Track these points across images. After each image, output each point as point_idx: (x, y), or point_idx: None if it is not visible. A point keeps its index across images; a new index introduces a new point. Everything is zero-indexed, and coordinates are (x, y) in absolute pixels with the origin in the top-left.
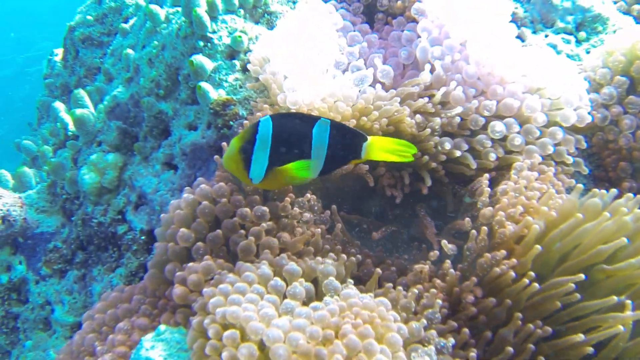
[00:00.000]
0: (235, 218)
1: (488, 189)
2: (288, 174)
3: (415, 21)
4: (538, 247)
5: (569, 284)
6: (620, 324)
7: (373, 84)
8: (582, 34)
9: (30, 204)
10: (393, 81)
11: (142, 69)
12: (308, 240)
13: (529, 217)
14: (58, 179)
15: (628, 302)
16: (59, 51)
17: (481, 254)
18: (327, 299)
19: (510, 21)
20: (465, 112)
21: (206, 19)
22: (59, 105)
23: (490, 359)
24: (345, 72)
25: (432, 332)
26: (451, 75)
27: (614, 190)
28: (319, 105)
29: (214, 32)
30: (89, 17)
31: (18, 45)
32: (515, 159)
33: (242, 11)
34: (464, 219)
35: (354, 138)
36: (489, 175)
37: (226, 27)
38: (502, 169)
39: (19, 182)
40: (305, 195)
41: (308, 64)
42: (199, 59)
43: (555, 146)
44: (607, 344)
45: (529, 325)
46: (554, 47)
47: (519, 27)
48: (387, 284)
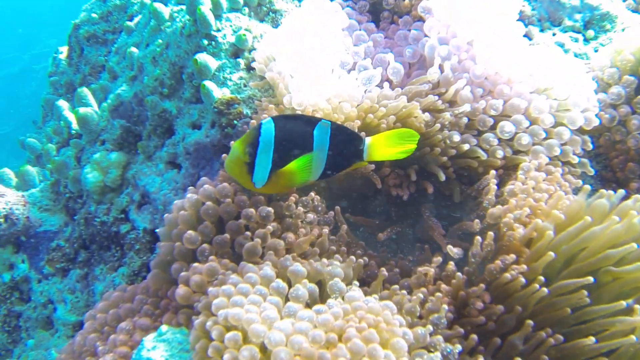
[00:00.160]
0: (240, 220)
1: (495, 186)
2: (290, 175)
3: (422, 20)
4: (551, 254)
5: (581, 291)
6: (628, 327)
7: (383, 81)
8: (590, 32)
9: (33, 202)
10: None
11: (146, 67)
12: (313, 241)
13: (538, 221)
14: (61, 178)
15: (637, 307)
16: (64, 49)
17: (488, 257)
18: (331, 301)
19: (518, 19)
20: (472, 112)
21: (210, 17)
22: (62, 103)
23: None
24: (351, 72)
25: (439, 338)
26: (458, 75)
27: (621, 191)
28: (324, 106)
29: (218, 31)
30: (93, 15)
31: (24, 43)
32: (522, 160)
33: (247, 9)
34: (470, 218)
35: (354, 140)
36: (495, 172)
37: (230, 26)
38: (509, 169)
39: (22, 181)
40: (309, 194)
41: (313, 63)
42: (203, 57)
43: (561, 147)
44: (617, 349)
45: (541, 333)
46: (562, 46)
47: (526, 26)
48: (393, 286)
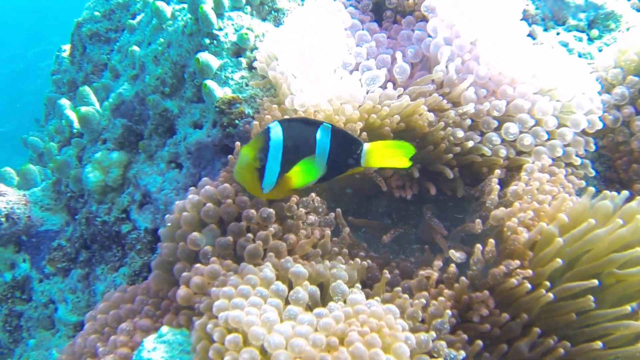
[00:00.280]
0: (242, 222)
1: (498, 186)
2: (296, 179)
3: (425, 19)
4: (559, 262)
5: (587, 296)
6: (632, 331)
7: (386, 82)
8: (595, 32)
9: (35, 201)
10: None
11: (148, 66)
12: (316, 243)
13: (543, 224)
14: (63, 177)
15: None
16: (67, 47)
17: (490, 261)
18: (332, 304)
19: (521, 19)
20: (476, 114)
21: (212, 15)
22: (64, 102)
23: None
24: (354, 72)
25: (442, 343)
26: (462, 76)
27: (625, 192)
28: (325, 107)
29: (220, 29)
30: (96, 13)
31: (29, 39)
32: (525, 161)
33: (249, 8)
34: (472, 220)
35: (352, 145)
36: (500, 172)
37: (232, 24)
38: (512, 170)
39: (24, 180)
40: (310, 195)
41: (315, 62)
42: (205, 56)
43: (564, 148)
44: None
45: (549, 341)
46: (566, 45)
47: (530, 25)
48: (396, 288)
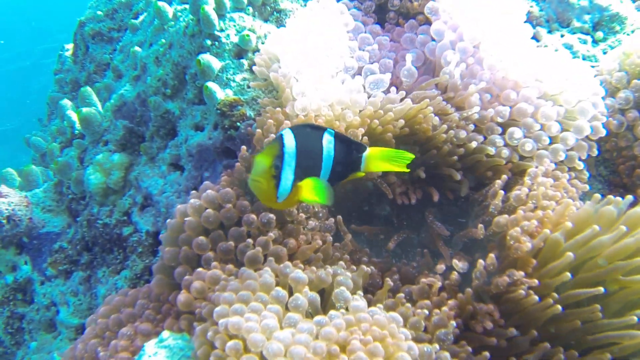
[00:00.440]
0: (242, 227)
1: (502, 192)
2: (307, 192)
3: (428, 23)
4: (568, 275)
5: (594, 305)
6: (637, 342)
7: (390, 87)
8: (599, 34)
9: (37, 202)
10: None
11: (149, 67)
12: (317, 248)
13: (547, 231)
14: (64, 179)
15: None
16: (70, 46)
17: (492, 272)
18: (333, 313)
19: (526, 21)
20: (480, 120)
21: (214, 16)
22: (66, 102)
23: None
24: (356, 77)
25: (446, 355)
26: (467, 81)
27: (629, 197)
28: (326, 112)
29: (222, 31)
30: (99, 13)
31: (36, 36)
32: (529, 165)
33: (251, 9)
34: (475, 224)
35: (355, 150)
36: (506, 177)
37: (234, 25)
38: (516, 175)
39: (26, 181)
40: None
41: (318, 65)
42: (206, 58)
43: (567, 152)
44: None
45: (560, 356)
46: (570, 48)
47: (534, 27)
48: (399, 295)
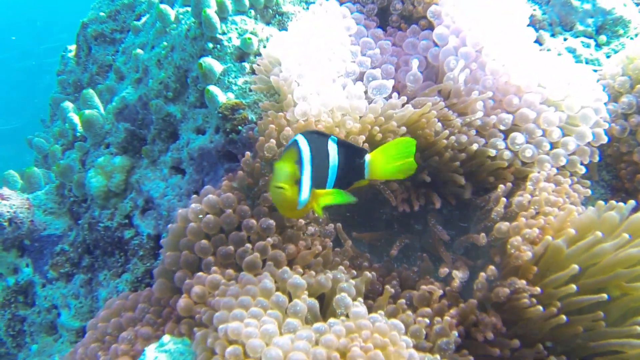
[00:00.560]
0: (242, 232)
1: (504, 199)
2: (325, 195)
3: (430, 28)
4: (573, 287)
5: (597, 312)
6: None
7: (397, 85)
8: (603, 38)
9: (39, 205)
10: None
11: (151, 70)
12: (317, 254)
13: (549, 238)
14: (66, 182)
15: None
16: (73, 47)
17: (494, 279)
18: (332, 320)
19: (529, 24)
20: (482, 127)
21: (216, 20)
22: (67, 105)
23: None
24: (357, 82)
25: None
26: (471, 86)
27: (632, 202)
28: (325, 119)
29: (224, 34)
30: (101, 14)
31: (42, 35)
32: (531, 171)
33: (253, 12)
34: (477, 229)
35: (357, 157)
36: (512, 185)
37: (236, 29)
38: (518, 180)
39: (28, 183)
40: None
41: (320, 68)
42: (208, 61)
43: (568, 157)
44: None
45: None
46: (573, 51)
47: (537, 30)
48: (400, 301)
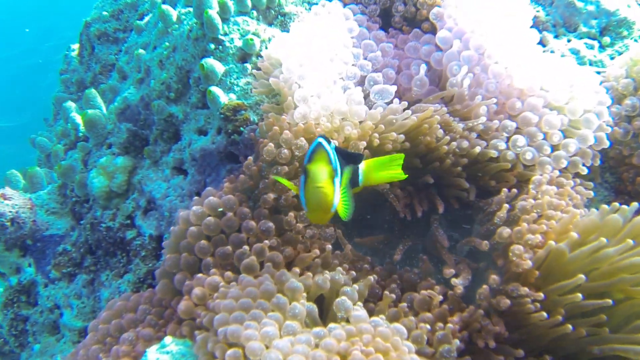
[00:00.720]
0: (242, 234)
1: (507, 205)
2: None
3: (433, 31)
4: (579, 296)
5: (600, 315)
6: None
7: (398, 89)
8: (606, 39)
9: (41, 204)
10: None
11: (153, 70)
12: (316, 256)
13: (552, 242)
14: (68, 182)
15: None
16: (76, 46)
17: (496, 287)
18: (332, 325)
19: (532, 26)
20: (485, 131)
21: (217, 20)
22: (70, 104)
23: None
24: (357, 87)
25: None
26: (473, 91)
27: (635, 205)
28: (324, 123)
29: (226, 35)
30: (104, 13)
31: (47, 33)
32: (533, 174)
33: (255, 12)
34: (479, 232)
35: (352, 163)
36: (516, 191)
37: (238, 29)
38: (521, 182)
39: (30, 183)
40: None
41: (320, 72)
42: (210, 62)
43: (569, 159)
44: None
45: None
46: (577, 53)
47: (540, 32)
48: (401, 304)
